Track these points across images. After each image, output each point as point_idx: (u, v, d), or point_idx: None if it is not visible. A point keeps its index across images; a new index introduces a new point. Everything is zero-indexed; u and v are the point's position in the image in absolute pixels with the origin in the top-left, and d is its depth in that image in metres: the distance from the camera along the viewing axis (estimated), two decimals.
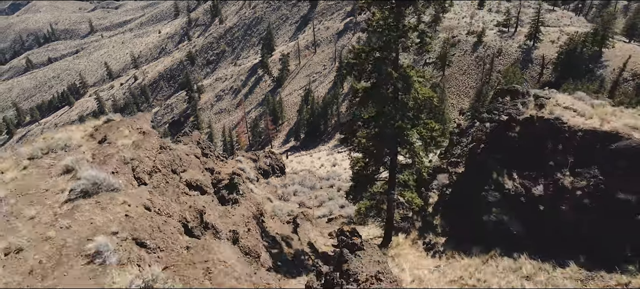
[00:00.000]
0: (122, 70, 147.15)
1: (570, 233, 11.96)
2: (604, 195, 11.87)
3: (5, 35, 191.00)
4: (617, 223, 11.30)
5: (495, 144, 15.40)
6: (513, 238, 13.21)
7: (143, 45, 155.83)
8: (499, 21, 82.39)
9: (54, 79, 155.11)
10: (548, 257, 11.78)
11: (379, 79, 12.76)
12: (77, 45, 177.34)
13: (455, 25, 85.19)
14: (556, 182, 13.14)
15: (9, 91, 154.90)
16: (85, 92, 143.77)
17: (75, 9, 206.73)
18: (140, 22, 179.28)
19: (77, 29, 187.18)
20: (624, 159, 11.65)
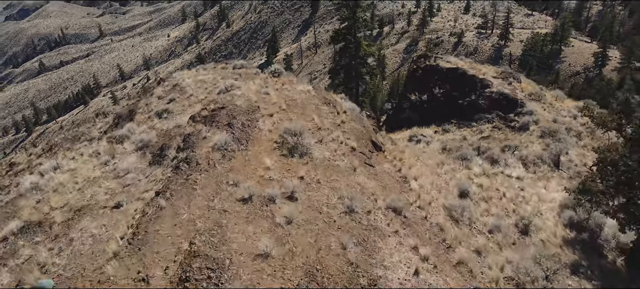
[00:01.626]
0: (133, 71, 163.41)
1: (438, 115, 27.05)
2: (446, 99, 27.08)
3: (17, 40, 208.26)
4: (457, 107, 26.41)
5: (412, 78, 30.75)
6: (414, 122, 28.36)
7: (153, 49, 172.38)
8: (479, 24, 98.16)
9: (68, 81, 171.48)
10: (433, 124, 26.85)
11: (346, 42, 28.04)
12: (87, 49, 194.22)
13: (441, 28, 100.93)
14: (432, 93, 28.45)
15: (25, 92, 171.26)
16: (99, 92, 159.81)
17: (84, 14, 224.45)
18: (148, 26, 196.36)
19: (87, 33, 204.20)
20: (454, 81, 26.94)
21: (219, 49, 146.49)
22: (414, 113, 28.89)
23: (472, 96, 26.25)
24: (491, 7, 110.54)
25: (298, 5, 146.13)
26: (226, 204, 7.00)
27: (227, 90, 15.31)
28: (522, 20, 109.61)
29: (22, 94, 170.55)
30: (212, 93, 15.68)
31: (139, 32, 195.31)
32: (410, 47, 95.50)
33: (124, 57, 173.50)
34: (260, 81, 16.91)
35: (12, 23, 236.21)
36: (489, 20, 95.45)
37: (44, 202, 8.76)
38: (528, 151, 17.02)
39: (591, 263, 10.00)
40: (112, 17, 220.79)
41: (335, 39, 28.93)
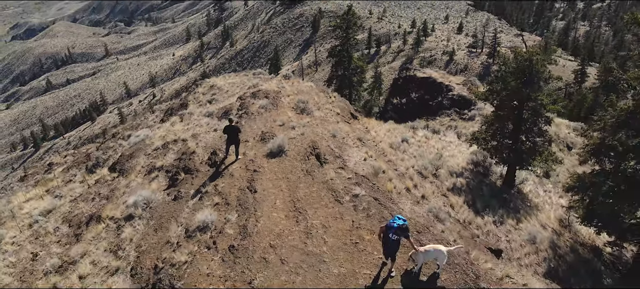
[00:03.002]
0: (139, 89, 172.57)
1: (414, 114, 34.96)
2: (420, 101, 35.09)
3: (25, 59, 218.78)
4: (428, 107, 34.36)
5: (395, 86, 38.82)
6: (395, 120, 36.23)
7: (158, 67, 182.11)
8: (470, 43, 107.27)
9: (75, 98, 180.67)
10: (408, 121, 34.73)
11: (340, 57, 36.13)
12: (93, 68, 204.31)
13: (434, 46, 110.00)
14: (409, 97, 36.48)
15: (33, 109, 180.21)
16: (106, 109, 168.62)
17: (90, 34, 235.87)
18: (153, 45, 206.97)
19: (93, 52, 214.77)
20: (426, 87, 35.01)
21: (223, 67, 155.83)
22: (395, 113, 36.80)
23: (439, 98, 34.24)
24: (482, 27, 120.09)
25: (299, 25, 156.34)
26: (272, 125, 14.62)
27: (254, 86, 23.14)
28: (511, 40, 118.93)
29: (30, 110, 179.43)
30: (244, 88, 23.51)
31: (144, 51, 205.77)
32: (405, 64, 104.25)
33: (130, 75, 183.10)
34: (276, 81, 24.80)
35: (19, 42, 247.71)
36: (479, 39, 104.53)
37: (170, 134, 16.43)
38: (466, 130, 24.78)
39: (475, 178, 17.63)
40: (118, 36, 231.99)
41: (331, 54, 37.13)
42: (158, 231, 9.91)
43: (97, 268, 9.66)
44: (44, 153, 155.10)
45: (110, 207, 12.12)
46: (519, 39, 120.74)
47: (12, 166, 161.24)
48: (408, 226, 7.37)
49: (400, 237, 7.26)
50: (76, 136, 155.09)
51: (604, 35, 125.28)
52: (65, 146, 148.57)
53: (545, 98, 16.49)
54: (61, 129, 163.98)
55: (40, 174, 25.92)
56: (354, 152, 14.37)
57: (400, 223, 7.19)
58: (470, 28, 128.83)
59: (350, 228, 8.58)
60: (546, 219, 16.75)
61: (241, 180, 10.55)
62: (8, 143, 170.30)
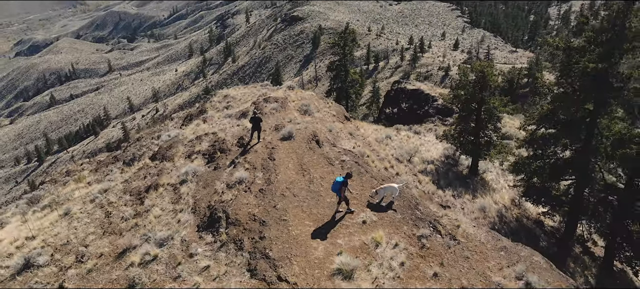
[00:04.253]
0: (142, 104, 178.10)
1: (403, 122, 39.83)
2: (410, 110, 40.02)
3: (29, 74, 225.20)
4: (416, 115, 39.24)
5: (388, 97, 43.78)
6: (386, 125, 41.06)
7: (161, 82, 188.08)
8: (465, 59, 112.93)
9: (79, 113, 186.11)
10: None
11: (338, 71, 41.14)
12: (96, 83, 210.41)
13: (431, 62, 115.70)
14: (400, 107, 41.42)
15: (37, 124, 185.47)
16: (109, 123, 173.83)
17: (93, 51, 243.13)
18: (156, 61, 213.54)
19: (97, 68, 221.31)
20: (415, 97, 39.99)
21: (225, 83, 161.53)
22: (387, 121, 41.66)
23: (425, 107, 39.14)
24: (477, 44, 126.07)
25: (300, 41, 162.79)
26: (282, 121, 19.42)
27: (264, 94, 27.98)
28: (506, 56, 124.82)
29: (34, 125, 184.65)
30: (254, 96, 28.32)
31: (146, 67, 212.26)
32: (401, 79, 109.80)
33: (133, 90, 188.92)
34: (282, 90, 29.66)
35: (23, 58, 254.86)
36: (474, 56, 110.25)
37: (199, 130, 21.15)
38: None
39: (444, 167, 22.29)
40: (121, 53, 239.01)
41: (330, 68, 42.18)
42: (206, 187, 14.59)
43: (165, 211, 14.28)
44: (47, 167, 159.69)
45: (164, 178, 16.77)
46: (513, 55, 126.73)
47: (15, 180, 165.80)
48: (346, 181, 11.73)
49: (341, 185, 11.61)
50: (80, 150, 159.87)
51: None
52: (69, 159, 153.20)
53: (497, 102, 21.30)
54: (65, 143, 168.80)
55: (58, 181, 30.45)
56: (345, 141, 19.10)
57: (341, 180, 11.63)
58: (466, 45, 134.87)
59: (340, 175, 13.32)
60: (500, 198, 21.35)
61: (263, 154, 15.24)
62: (12, 157, 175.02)
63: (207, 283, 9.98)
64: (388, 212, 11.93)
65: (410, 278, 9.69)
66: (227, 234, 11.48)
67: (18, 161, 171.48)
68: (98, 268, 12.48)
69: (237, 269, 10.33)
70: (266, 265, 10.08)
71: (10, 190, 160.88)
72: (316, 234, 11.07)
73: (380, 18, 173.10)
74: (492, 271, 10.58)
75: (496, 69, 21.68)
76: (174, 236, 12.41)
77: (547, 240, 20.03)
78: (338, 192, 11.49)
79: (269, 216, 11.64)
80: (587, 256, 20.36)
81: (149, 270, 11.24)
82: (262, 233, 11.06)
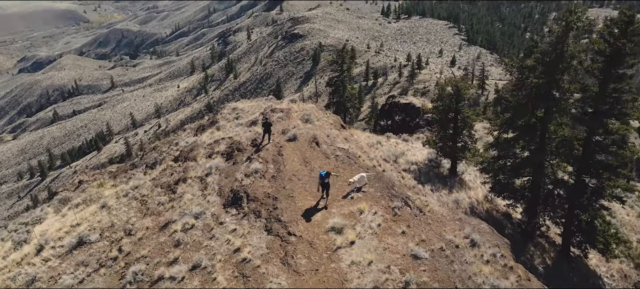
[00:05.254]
0: (145, 119, 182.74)
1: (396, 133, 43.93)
2: (402, 122, 44.17)
3: (32, 91, 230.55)
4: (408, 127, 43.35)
5: (382, 111, 47.97)
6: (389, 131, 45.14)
7: (163, 98, 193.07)
8: (461, 76, 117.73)
9: (82, 128, 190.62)
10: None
11: (337, 86, 45.41)
12: (99, 99, 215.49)
13: (428, 79, 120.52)
14: (394, 119, 45.60)
15: (40, 139, 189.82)
16: (111, 139, 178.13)
17: (96, 67, 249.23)
18: (158, 78, 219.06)
19: (99, 84, 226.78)
20: (407, 111, 44.18)
21: (227, 98, 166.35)
22: (381, 132, 45.69)
23: (416, 119, 43.24)
24: (473, 61, 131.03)
25: (300, 58, 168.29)
26: (287, 127, 23.39)
27: (270, 106, 32.09)
28: (501, 72, 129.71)
29: (37, 141, 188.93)
30: (261, 108, 32.43)
31: (149, 83, 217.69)
32: (400, 94, 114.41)
33: (136, 106, 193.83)
34: (286, 103, 33.77)
35: (26, 75, 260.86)
36: (469, 72, 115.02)
37: (215, 136, 25.24)
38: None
39: (427, 168, 26.22)
40: (123, 69, 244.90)
41: (329, 84, 46.43)
42: (228, 177, 18.51)
43: (196, 196, 18.17)
44: (50, 182, 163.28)
45: (191, 173, 20.68)
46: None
47: (18, 195, 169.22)
48: (329, 173, 15.50)
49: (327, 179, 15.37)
50: (82, 165, 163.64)
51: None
52: (72, 174, 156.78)
53: (470, 112, 25.36)
54: (68, 158, 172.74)
55: (70, 191, 34.20)
56: (341, 144, 23.08)
57: (324, 173, 15.41)
58: (463, 61, 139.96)
59: (333, 167, 17.16)
60: (474, 194, 25.21)
61: (273, 151, 19.20)
62: (15, 172, 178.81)
63: (236, 239, 13.82)
64: (369, 191, 15.82)
65: (384, 234, 13.49)
66: (248, 208, 15.36)
67: (21, 176, 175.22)
68: (147, 236, 16.31)
69: (257, 230, 14.19)
70: (279, 226, 13.94)
71: (12, 205, 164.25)
72: (316, 206, 14.94)
73: (379, 35, 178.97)
74: (446, 232, 14.41)
75: (469, 85, 25.72)
76: (206, 212, 16.28)
77: (513, 229, 23.82)
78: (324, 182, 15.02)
79: (280, 194, 15.53)
80: (547, 242, 24.13)
81: (189, 234, 15.09)
82: (275, 205, 14.93)
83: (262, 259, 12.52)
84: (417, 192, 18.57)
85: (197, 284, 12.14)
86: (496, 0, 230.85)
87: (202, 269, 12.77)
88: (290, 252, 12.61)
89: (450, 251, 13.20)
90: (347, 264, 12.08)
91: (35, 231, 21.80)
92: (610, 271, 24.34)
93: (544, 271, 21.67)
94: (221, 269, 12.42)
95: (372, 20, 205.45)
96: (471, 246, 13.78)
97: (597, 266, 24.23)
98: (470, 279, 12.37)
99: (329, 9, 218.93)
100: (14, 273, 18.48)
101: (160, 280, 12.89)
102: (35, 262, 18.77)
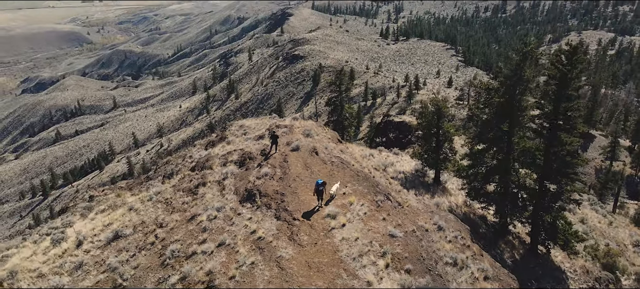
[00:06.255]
0: (147, 139, 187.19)
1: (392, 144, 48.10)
2: (396, 139, 48.44)
3: (35, 111, 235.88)
4: (401, 143, 47.55)
5: (378, 128, 52.25)
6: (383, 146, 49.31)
7: (165, 118, 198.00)
8: (457, 96, 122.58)
9: (84, 148, 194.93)
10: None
11: (335, 106, 49.78)
12: (101, 119, 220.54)
13: (426, 99, 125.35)
14: (388, 137, 49.88)
15: (43, 159, 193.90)
16: (113, 158, 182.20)
17: (99, 88, 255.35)
18: (160, 98, 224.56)
19: (102, 105, 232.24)
20: (400, 128, 48.49)
21: (228, 118, 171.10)
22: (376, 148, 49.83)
23: (409, 136, 47.46)
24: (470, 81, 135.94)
25: (301, 79, 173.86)
26: (290, 139, 27.47)
27: (274, 123, 36.34)
28: None
29: (40, 160, 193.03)
30: (266, 125, 36.67)
31: (151, 104, 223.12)
32: (397, 114, 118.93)
33: (138, 126, 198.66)
34: (289, 121, 38.06)
35: (29, 95, 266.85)
36: (465, 93, 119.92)
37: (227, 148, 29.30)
38: None
39: (413, 177, 30.23)
40: (126, 90, 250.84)
41: (328, 104, 50.81)
42: (242, 180, 22.55)
43: (215, 196, 22.15)
44: (52, 201, 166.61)
45: (209, 178, 24.68)
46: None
47: (20, 214, 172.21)
48: (324, 182, 19.55)
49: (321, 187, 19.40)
50: (84, 185, 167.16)
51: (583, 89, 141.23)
52: (74, 193, 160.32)
53: (451, 127, 29.55)
54: (70, 177, 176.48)
55: (80, 205, 37.99)
56: (337, 154, 27.19)
57: (320, 182, 19.41)
58: (460, 82, 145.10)
59: (330, 170, 21.20)
60: (454, 199, 29.15)
61: (280, 158, 23.29)
62: (17, 192, 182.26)
63: (252, 224, 17.78)
64: (358, 188, 19.85)
65: (369, 220, 17.43)
66: (261, 202, 19.37)
67: (23, 195, 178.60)
68: (177, 227, 20.23)
69: (269, 218, 18.16)
70: (286, 214, 17.92)
71: (14, 224, 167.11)
72: (315, 200, 18.96)
73: (378, 57, 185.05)
74: (419, 220, 18.37)
75: (448, 103, 30.01)
76: (225, 206, 20.27)
77: (487, 229, 27.68)
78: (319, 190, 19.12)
79: (286, 191, 19.55)
80: (518, 240, 27.94)
81: (213, 223, 19.03)
82: (282, 199, 18.94)
83: (273, 237, 16.46)
84: (400, 194, 22.57)
85: (223, 255, 16.05)
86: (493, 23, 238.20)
87: (226, 246, 16.69)
88: (295, 232, 16.56)
89: (420, 233, 17.11)
90: (339, 240, 16.01)
91: (70, 231, 25.65)
92: (574, 266, 28.01)
93: (512, 264, 25.43)
94: (242, 245, 16.35)
95: (371, 41, 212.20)
96: (438, 230, 17.69)
97: (562, 263, 27.90)
98: (434, 253, 16.23)
99: (329, 31, 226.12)
100: (60, 262, 22.28)
101: (193, 255, 16.79)
102: (77, 253, 22.62)
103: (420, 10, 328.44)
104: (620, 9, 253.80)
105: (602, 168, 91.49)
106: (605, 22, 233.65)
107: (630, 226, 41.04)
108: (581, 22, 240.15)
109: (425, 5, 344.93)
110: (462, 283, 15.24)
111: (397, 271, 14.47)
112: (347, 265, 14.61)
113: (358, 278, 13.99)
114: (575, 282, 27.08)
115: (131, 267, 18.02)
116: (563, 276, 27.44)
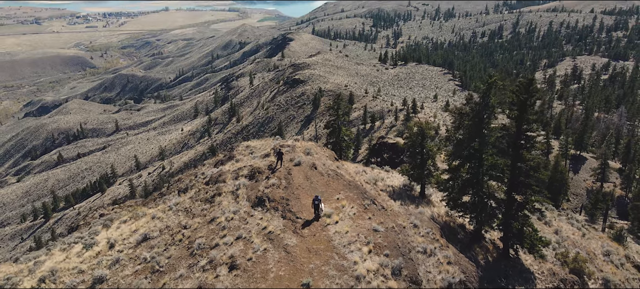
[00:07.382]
0: (148, 162, 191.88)
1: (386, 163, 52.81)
2: (389, 159, 53.23)
3: (38, 134, 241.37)
4: (394, 163, 52.29)
5: (373, 149, 57.08)
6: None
7: (167, 141, 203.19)
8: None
9: (86, 171, 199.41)
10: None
11: (333, 129, 54.74)
12: (103, 142, 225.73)
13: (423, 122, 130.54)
14: (382, 157, 54.68)
15: (45, 182, 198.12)
16: (115, 181, 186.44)
17: (101, 111, 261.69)
18: (162, 121, 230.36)
19: (104, 128, 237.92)
20: (394, 149, 53.35)
21: (230, 141, 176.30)
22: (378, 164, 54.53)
23: (401, 157, 52.19)
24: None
25: (301, 103, 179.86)
26: (293, 156, 32.15)
27: (278, 143, 41.19)
28: None
29: (42, 183, 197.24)
30: (271, 145, 41.53)
31: (153, 127, 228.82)
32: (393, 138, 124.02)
33: (140, 149, 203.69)
34: (291, 141, 42.96)
35: (32, 119, 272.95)
36: None
37: (238, 165, 33.91)
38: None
39: (401, 191, 34.88)
40: (128, 113, 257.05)
41: (327, 126, 55.79)
42: (253, 189, 27.21)
43: (230, 203, 26.75)
44: (54, 223, 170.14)
45: (223, 189, 29.31)
46: (501, 115, 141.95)
47: (21, 236, 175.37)
48: (319, 198, 24.16)
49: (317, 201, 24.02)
50: (86, 207, 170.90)
51: (576, 112, 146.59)
52: (75, 216, 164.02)
53: (433, 146, 34.34)
54: (72, 200, 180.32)
55: (97, 220, 42.40)
56: (333, 165, 31.90)
57: (317, 197, 24.01)
58: (457, 106, 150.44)
59: (326, 181, 25.91)
60: (436, 210, 33.67)
61: (284, 172, 28.01)
62: (18, 214, 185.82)
63: (263, 222, 22.34)
64: (349, 194, 24.50)
65: (357, 218, 21.97)
66: (269, 205, 23.98)
67: (24, 218, 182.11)
68: (199, 227, 24.75)
69: (276, 218, 22.74)
70: (290, 214, 22.50)
71: (15, 247, 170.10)
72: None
73: (377, 81, 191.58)
74: (398, 220, 22.95)
75: (430, 125, 34.94)
76: (240, 210, 24.85)
77: (464, 236, 32.11)
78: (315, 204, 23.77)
79: (290, 197, 24.19)
80: (492, 245, 32.32)
81: (231, 223, 23.57)
82: (287, 204, 23.55)
83: (280, 231, 21.03)
84: (385, 201, 27.20)
85: (241, 245, 20.58)
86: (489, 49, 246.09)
87: (243, 239, 21.23)
88: (298, 227, 21.14)
89: (398, 229, 21.65)
90: (333, 233, 20.57)
91: (99, 237, 30.06)
92: (542, 269, 32.25)
93: (484, 265, 29.79)
94: (256, 237, 20.90)
95: (370, 66, 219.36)
96: (413, 227, 22.23)
97: (531, 265, 32.17)
98: (409, 243, 20.73)
99: (328, 56, 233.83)
100: (97, 260, 26.71)
101: (217, 246, 21.31)
102: (111, 253, 27.05)
103: (419, 36, 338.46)
104: (614, 34, 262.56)
105: (593, 189, 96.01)
106: (599, 48, 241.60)
107: (604, 238, 45.33)
108: (576, 47, 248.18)
109: (424, 30, 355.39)
110: (430, 265, 19.66)
111: (377, 255, 18.95)
112: (339, 250, 19.10)
113: (347, 259, 18.45)
114: (541, 282, 31.31)
115: (165, 257, 22.48)
116: (531, 276, 31.65)
